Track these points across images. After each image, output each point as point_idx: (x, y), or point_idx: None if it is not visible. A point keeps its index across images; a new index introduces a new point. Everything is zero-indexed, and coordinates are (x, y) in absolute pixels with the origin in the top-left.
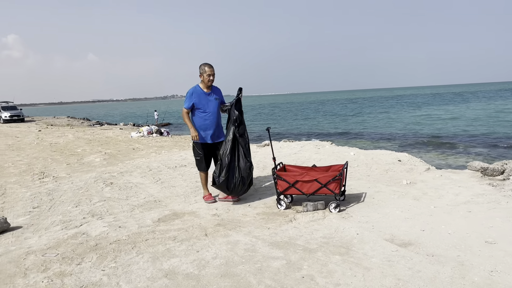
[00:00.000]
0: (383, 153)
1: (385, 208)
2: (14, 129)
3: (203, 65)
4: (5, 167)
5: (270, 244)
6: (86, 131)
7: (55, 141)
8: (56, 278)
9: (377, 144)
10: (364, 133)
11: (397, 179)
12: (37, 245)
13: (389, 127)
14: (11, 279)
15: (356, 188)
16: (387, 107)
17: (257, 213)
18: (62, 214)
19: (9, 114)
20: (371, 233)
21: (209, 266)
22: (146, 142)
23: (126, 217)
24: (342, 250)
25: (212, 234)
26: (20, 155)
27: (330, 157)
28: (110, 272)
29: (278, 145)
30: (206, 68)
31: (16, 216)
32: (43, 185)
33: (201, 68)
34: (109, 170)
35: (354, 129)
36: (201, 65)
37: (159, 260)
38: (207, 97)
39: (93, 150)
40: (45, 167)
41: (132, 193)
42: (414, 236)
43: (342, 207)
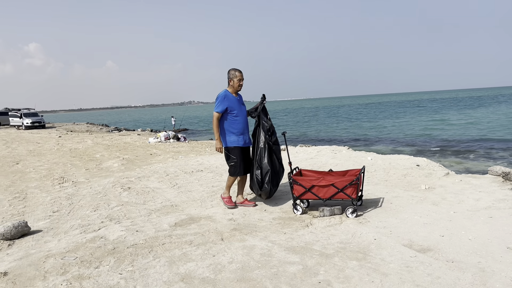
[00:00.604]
0: (401, 158)
1: (403, 214)
2: (35, 135)
3: (233, 70)
4: (26, 172)
5: (286, 249)
6: (105, 137)
7: (75, 146)
8: (74, 281)
9: (395, 149)
10: (381, 138)
11: (415, 184)
12: (56, 248)
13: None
14: (31, 281)
15: (373, 193)
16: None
17: (273, 218)
18: (81, 218)
19: (31, 121)
20: (389, 239)
21: (225, 271)
22: (163, 148)
23: (143, 222)
24: (359, 256)
25: (228, 238)
26: (41, 160)
27: (347, 162)
28: (127, 275)
29: (294, 150)
30: (236, 73)
31: (37, 220)
32: (63, 190)
33: (231, 73)
34: (127, 175)
35: (371, 134)
36: (231, 70)
37: (176, 264)
38: (238, 101)
39: (111, 155)
40: (64, 172)
41: (149, 197)
42: (433, 242)
43: (359, 212)
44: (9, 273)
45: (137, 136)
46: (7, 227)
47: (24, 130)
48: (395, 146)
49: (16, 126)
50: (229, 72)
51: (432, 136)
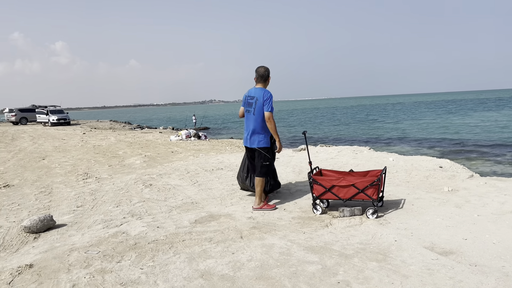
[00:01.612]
0: (423, 159)
1: (425, 215)
2: (61, 132)
3: (269, 69)
4: (52, 168)
5: (306, 248)
6: (128, 134)
7: (98, 143)
8: (97, 274)
9: (417, 150)
10: (403, 138)
11: (438, 186)
12: (80, 242)
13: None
14: (55, 274)
15: (394, 194)
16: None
17: (293, 217)
18: (103, 214)
19: (57, 118)
20: (410, 240)
21: (244, 268)
22: (185, 146)
23: (164, 218)
24: (379, 257)
25: (248, 236)
26: (66, 156)
27: (368, 163)
28: (148, 270)
29: (314, 150)
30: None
31: (61, 214)
32: (87, 186)
33: (269, 71)
34: (148, 172)
35: (392, 134)
36: (268, 69)
37: (195, 260)
38: None
39: (133, 152)
40: (88, 168)
41: (170, 194)
42: (456, 245)
43: (380, 213)
44: (35, 265)
45: (158, 134)
46: (34, 221)
47: (50, 126)
48: (417, 147)
49: (43, 123)
50: (268, 70)
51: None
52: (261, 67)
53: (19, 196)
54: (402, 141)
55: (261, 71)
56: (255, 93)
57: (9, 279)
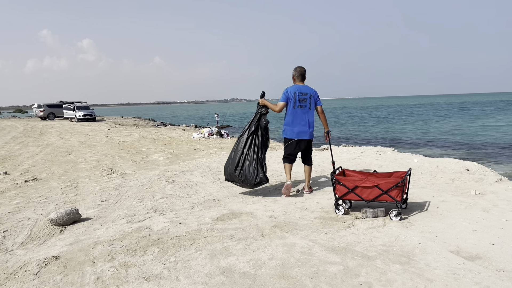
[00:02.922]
0: (449, 161)
1: (451, 219)
2: (87, 128)
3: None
4: (78, 163)
5: (327, 248)
6: (151, 131)
7: (123, 139)
8: (121, 268)
9: (443, 152)
10: (429, 140)
11: (464, 189)
12: (104, 236)
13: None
14: (80, 266)
15: (419, 197)
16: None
17: (314, 217)
18: (127, 209)
19: (83, 114)
20: (434, 244)
21: (265, 267)
22: (207, 143)
23: (186, 214)
24: (403, 259)
25: (269, 235)
26: (91, 151)
27: (392, 164)
28: (170, 266)
29: (337, 150)
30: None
31: (87, 208)
32: (111, 181)
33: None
34: (171, 168)
35: (417, 135)
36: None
37: (217, 257)
38: None
39: (157, 149)
40: (113, 164)
41: (192, 191)
42: (483, 250)
43: (404, 215)
44: (61, 257)
45: (181, 131)
46: (60, 214)
47: (76, 122)
48: (443, 149)
49: (70, 118)
50: (305, 69)
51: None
52: (300, 67)
53: (47, 189)
54: (427, 143)
55: (302, 70)
56: (306, 90)
57: (36, 270)
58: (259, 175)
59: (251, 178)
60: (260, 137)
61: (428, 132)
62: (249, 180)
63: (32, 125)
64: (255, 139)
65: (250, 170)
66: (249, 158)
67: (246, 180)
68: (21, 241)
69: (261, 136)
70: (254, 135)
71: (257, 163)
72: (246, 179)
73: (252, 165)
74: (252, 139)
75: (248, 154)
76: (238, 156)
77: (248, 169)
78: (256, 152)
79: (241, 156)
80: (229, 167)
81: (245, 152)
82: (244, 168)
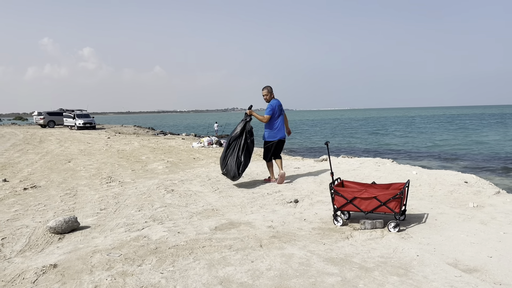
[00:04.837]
0: (447, 174)
1: (449, 231)
2: (86, 136)
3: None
4: (77, 171)
5: (325, 259)
6: (151, 139)
7: (122, 148)
8: (119, 277)
9: (442, 164)
10: (427, 152)
11: (462, 201)
12: (102, 244)
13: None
14: (78, 274)
15: (417, 208)
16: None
17: (313, 227)
18: (126, 217)
19: (83, 122)
20: (432, 256)
21: (263, 277)
22: (206, 152)
23: (185, 224)
24: (401, 271)
25: (267, 245)
26: (91, 159)
27: (390, 175)
28: (168, 275)
29: (336, 161)
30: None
31: (85, 216)
32: (110, 189)
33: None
34: (170, 177)
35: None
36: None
37: (215, 267)
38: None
39: (156, 158)
40: (112, 172)
41: (191, 200)
42: (481, 262)
43: (402, 227)
44: (59, 265)
45: (181, 140)
46: (59, 222)
47: (76, 130)
48: (442, 161)
49: (69, 126)
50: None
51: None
52: (269, 86)
53: (46, 197)
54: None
55: (271, 88)
56: (280, 102)
57: (34, 278)
58: (234, 171)
59: (230, 172)
60: (243, 140)
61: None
62: (229, 174)
63: (32, 132)
64: (238, 142)
65: (231, 167)
66: (232, 157)
67: (227, 174)
68: (19, 249)
69: (244, 139)
70: (238, 139)
71: (236, 162)
72: (228, 173)
73: (232, 163)
74: (236, 142)
75: (232, 154)
76: (225, 153)
77: (230, 166)
78: (237, 153)
79: (227, 154)
80: (221, 161)
81: (230, 152)
82: (227, 164)
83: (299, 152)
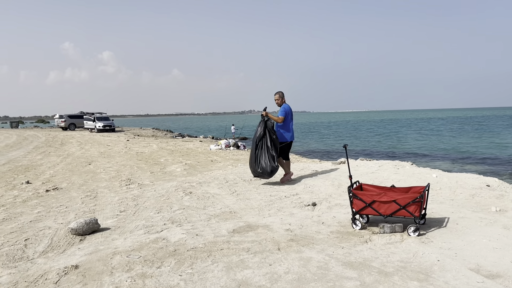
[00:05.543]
0: (469, 177)
1: (470, 236)
2: (106, 138)
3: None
4: (97, 173)
5: (344, 263)
6: (169, 142)
7: (141, 150)
8: (138, 278)
9: (462, 167)
10: (448, 154)
11: (484, 205)
12: (122, 246)
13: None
14: (99, 276)
15: (438, 212)
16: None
17: (331, 231)
18: (145, 219)
19: (102, 124)
20: (453, 261)
21: (281, 281)
22: (224, 155)
23: (203, 226)
24: (421, 276)
25: (285, 249)
26: (110, 162)
27: (410, 178)
28: (186, 277)
29: (354, 164)
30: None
31: (105, 218)
32: (129, 191)
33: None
34: (188, 180)
35: (436, 150)
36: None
37: (233, 270)
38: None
39: (174, 160)
40: (131, 174)
41: (209, 203)
42: (504, 268)
43: (422, 231)
44: (80, 266)
45: (199, 142)
46: (80, 223)
47: (96, 132)
48: (462, 164)
49: (90, 129)
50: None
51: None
52: (281, 91)
53: (67, 199)
54: (445, 157)
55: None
56: (290, 107)
57: (56, 279)
58: (271, 164)
59: (266, 168)
60: (268, 138)
61: (446, 147)
62: (265, 170)
63: (53, 135)
64: (264, 140)
65: (265, 162)
66: (263, 155)
67: (263, 172)
68: (42, 250)
69: (269, 137)
70: (263, 138)
71: (269, 157)
72: (263, 171)
73: (266, 160)
74: (262, 141)
75: (262, 152)
76: (254, 155)
77: (265, 163)
78: (267, 150)
79: (256, 154)
80: (250, 165)
81: (259, 151)
82: (261, 163)
83: (317, 154)
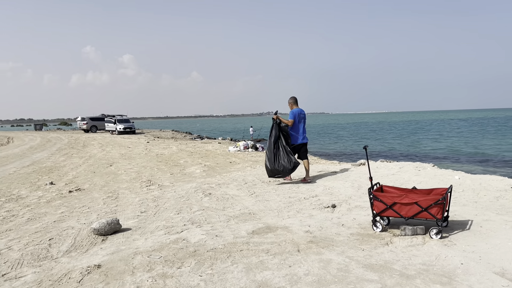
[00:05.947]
0: (493, 179)
1: (495, 239)
2: (127, 140)
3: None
4: (118, 174)
5: (364, 266)
6: (188, 144)
7: (161, 152)
8: (159, 278)
9: (485, 168)
10: (470, 156)
11: (509, 208)
12: (143, 246)
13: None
14: (121, 275)
15: (460, 215)
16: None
17: (351, 233)
18: (165, 220)
19: (123, 126)
20: (477, 264)
21: (301, 282)
22: (242, 157)
23: (223, 227)
24: (444, 280)
25: (305, 250)
26: (131, 163)
27: (431, 180)
28: (207, 278)
29: (374, 165)
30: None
31: (127, 218)
32: (150, 192)
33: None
34: (208, 181)
35: (458, 151)
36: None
37: (253, 271)
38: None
39: (194, 162)
40: (151, 176)
41: (228, 204)
42: None
43: (445, 233)
44: (102, 265)
45: (218, 144)
46: (102, 224)
47: (117, 135)
48: (485, 165)
49: (111, 131)
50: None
51: None
52: (294, 96)
53: (89, 199)
54: (467, 159)
55: (296, 98)
56: (302, 111)
57: (79, 278)
58: (292, 161)
59: (287, 166)
60: (283, 138)
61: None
62: (286, 167)
63: (75, 137)
64: (280, 140)
65: (285, 160)
66: (281, 153)
67: (284, 169)
68: (65, 249)
69: (284, 137)
70: (279, 139)
71: (288, 154)
72: (284, 168)
73: (285, 157)
74: (278, 142)
75: (279, 151)
76: (273, 154)
77: (283, 160)
78: (284, 147)
79: (276, 153)
80: (270, 164)
81: (277, 150)
82: (280, 160)
83: (336, 156)
